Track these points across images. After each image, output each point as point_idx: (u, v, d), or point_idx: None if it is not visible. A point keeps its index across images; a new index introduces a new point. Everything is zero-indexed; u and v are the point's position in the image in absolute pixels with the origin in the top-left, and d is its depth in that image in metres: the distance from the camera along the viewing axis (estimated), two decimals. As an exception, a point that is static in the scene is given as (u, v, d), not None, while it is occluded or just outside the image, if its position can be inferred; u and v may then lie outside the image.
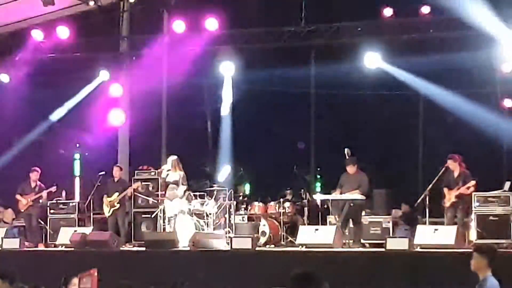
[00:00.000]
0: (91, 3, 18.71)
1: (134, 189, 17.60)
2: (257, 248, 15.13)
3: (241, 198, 18.25)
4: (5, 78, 19.89)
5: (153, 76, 19.99)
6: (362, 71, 18.31)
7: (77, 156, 22.00)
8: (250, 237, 15.16)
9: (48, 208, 18.18)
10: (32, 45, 19.66)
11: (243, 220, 17.22)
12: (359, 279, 13.10)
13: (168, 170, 16.37)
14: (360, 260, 13.79)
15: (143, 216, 17.71)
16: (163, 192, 16.96)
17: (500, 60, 17.12)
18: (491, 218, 15.10)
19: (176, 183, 16.29)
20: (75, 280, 8.63)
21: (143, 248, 15.68)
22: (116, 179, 17.38)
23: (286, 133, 20.03)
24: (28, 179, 17.74)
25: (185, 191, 16.37)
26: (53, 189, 17.73)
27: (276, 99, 19.93)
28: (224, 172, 19.88)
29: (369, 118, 19.73)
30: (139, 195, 17.85)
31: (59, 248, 16.49)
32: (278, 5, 18.70)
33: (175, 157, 16.58)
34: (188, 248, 15.09)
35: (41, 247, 17.33)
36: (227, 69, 19.46)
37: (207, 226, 16.64)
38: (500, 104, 17.59)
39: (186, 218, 16.48)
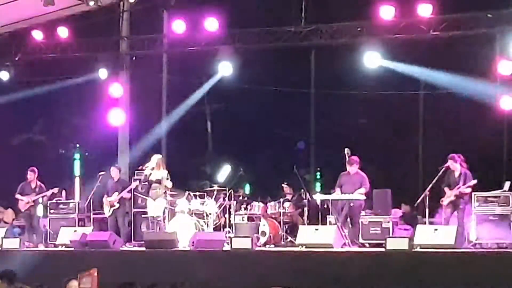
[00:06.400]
0: (91, 3, 18.67)
1: (133, 189, 17.57)
2: (257, 248, 15.13)
3: (241, 198, 18.24)
4: (5, 77, 19.86)
5: (153, 76, 19.99)
6: (362, 71, 18.30)
7: (77, 156, 22.00)
8: (250, 237, 15.16)
9: (48, 208, 18.18)
10: (32, 45, 19.66)
11: (243, 220, 17.20)
12: (359, 279, 13.10)
13: (151, 169, 16.27)
14: (360, 260, 13.79)
15: (143, 216, 17.68)
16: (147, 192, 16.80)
17: (500, 59, 17.11)
18: (491, 218, 15.10)
19: (159, 182, 16.19)
20: (75, 283, 8.62)
21: (143, 248, 15.67)
22: (115, 179, 17.37)
23: (286, 133, 20.03)
24: (27, 179, 17.71)
25: (165, 191, 16.27)
26: (55, 190, 17.72)
27: (276, 99, 19.93)
28: (224, 172, 19.88)
29: (369, 118, 19.73)
30: (139, 195, 17.84)
31: (59, 248, 16.49)
32: (278, 5, 18.70)
33: (159, 156, 16.53)
34: (188, 248, 15.08)
35: (41, 247, 17.32)
36: (227, 69, 19.44)
37: (207, 226, 16.63)
38: (500, 104, 17.56)
39: (186, 218, 16.48)
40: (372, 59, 17.71)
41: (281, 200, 17.17)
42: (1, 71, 19.81)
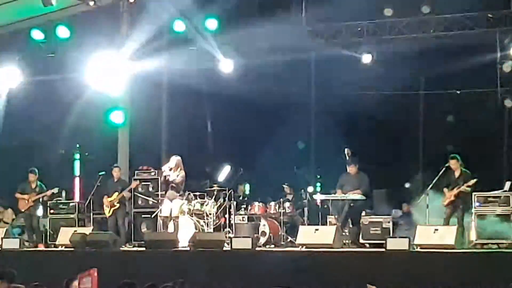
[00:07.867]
0: (91, 3, 18.68)
1: (133, 188, 17.58)
2: (257, 248, 15.13)
3: (241, 198, 18.25)
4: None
5: (153, 76, 19.97)
6: (362, 71, 18.30)
7: (77, 156, 21.99)
8: (250, 237, 15.15)
9: (48, 208, 18.19)
10: (32, 45, 19.65)
11: (243, 220, 17.21)
12: (359, 279, 13.09)
13: (170, 170, 16.33)
14: (360, 260, 13.79)
15: (143, 216, 17.71)
16: (164, 192, 16.97)
17: (501, 59, 17.14)
18: (491, 218, 15.10)
19: (175, 182, 16.26)
20: (76, 283, 8.62)
21: (143, 248, 15.67)
22: (116, 179, 17.38)
23: (286, 133, 20.01)
24: (27, 179, 17.71)
25: (182, 193, 16.31)
26: (55, 190, 17.72)
27: (276, 99, 19.93)
28: (224, 172, 19.87)
29: (369, 118, 19.72)
30: (139, 195, 17.85)
31: (59, 248, 16.49)
32: (278, 5, 18.70)
33: (178, 157, 16.54)
34: (188, 248, 15.08)
35: (41, 247, 17.33)
36: (226, 69, 19.45)
37: (207, 226, 16.63)
38: (500, 104, 17.59)
39: (186, 218, 16.48)
40: (371, 59, 17.75)
41: (281, 200, 17.18)
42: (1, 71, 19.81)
